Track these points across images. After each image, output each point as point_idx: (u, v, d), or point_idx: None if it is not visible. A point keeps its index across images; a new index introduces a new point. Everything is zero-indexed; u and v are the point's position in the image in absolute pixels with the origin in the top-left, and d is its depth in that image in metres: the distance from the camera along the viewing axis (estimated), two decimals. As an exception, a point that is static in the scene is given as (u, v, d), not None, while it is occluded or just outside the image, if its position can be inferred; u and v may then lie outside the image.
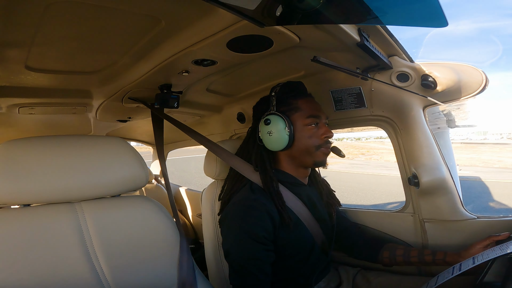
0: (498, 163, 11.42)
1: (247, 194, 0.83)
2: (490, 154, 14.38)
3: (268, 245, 0.78)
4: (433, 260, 0.86)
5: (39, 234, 0.57)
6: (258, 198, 0.80)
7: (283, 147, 0.85)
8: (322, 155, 0.87)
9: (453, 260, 0.81)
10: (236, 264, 0.78)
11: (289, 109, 0.86)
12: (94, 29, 0.65)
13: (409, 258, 0.90)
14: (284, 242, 0.81)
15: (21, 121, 1.38)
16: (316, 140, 0.86)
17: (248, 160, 0.92)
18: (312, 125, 0.86)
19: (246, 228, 0.77)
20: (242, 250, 0.77)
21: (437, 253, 0.87)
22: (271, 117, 0.85)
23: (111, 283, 0.62)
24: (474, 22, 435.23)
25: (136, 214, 0.69)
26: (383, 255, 0.95)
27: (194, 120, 1.72)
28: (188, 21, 0.64)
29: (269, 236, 0.78)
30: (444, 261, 0.84)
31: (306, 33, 0.70)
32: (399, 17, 0.48)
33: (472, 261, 0.65)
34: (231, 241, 0.80)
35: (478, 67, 0.85)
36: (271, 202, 0.81)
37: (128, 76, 0.95)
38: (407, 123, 0.96)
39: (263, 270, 0.77)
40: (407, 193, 1.04)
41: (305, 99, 0.89)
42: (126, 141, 0.75)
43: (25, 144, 0.61)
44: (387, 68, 0.90)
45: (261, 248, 0.77)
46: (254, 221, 0.77)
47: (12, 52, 0.72)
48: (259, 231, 0.76)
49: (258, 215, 0.78)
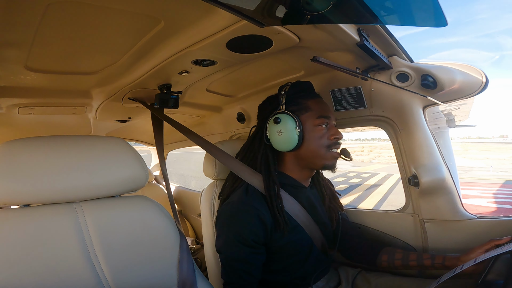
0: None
1: (241, 197, 0.83)
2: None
3: (256, 248, 0.79)
4: (432, 264, 0.85)
5: (39, 234, 0.57)
6: (250, 202, 0.80)
7: (292, 148, 0.83)
8: (332, 158, 0.86)
9: (452, 264, 0.80)
10: (225, 262, 0.82)
11: (299, 108, 0.85)
12: (94, 29, 0.65)
13: (408, 262, 0.89)
14: (280, 244, 0.82)
15: (21, 121, 1.38)
16: (326, 141, 0.84)
17: (252, 160, 0.91)
18: (322, 126, 0.85)
19: (235, 230, 0.79)
20: (230, 250, 0.80)
21: (436, 257, 0.85)
22: (281, 116, 0.83)
23: (111, 283, 0.62)
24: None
25: (136, 214, 0.69)
26: (381, 258, 0.94)
27: (194, 120, 1.72)
28: (188, 21, 0.64)
29: (258, 239, 0.78)
30: (443, 265, 0.82)
31: (306, 33, 0.71)
32: (399, 17, 0.48)
33: (473, 260, 0.65)
34: (221, 240, 0.82)
35: (478, 67, 0.85)
36: (265, 205, 0.81)
37: (128, 76, 0.95)
38: (407, 123, 0.96)
39: (249, 271, 0.79)
40: (407, 193, 1.04)
41: (315, 99, 0.88)
42: (126, 141, 0.75)
43: (25, 144, 0.61)
44: (387, 68, 0.89)
45: (248, 250, 0.78)
46: (243, 225, 0.78)
47: (12, 52, 0.72)
48: (247, 235, 0.77)
49: (248, 219, 0.78)
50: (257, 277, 0.81)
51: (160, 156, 1.11)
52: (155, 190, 2.29)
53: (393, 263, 0.91)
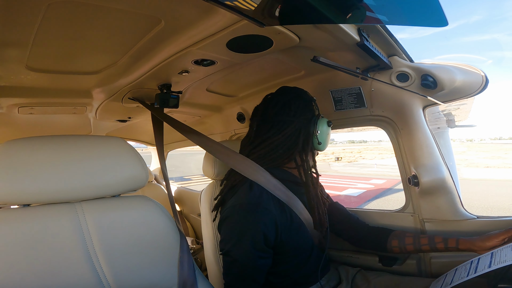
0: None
1: (249, 197, 0.81)
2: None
3: (266, 252, 0.78)
4: (445, 247, 0.84)
5: (39, 234, 0.57)
6: (260, 202, 0.79)
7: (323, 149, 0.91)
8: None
9: (466, 248, 0.80)
10: (231, 265, 0.80)
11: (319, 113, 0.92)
12: (94, 29, 0.65)
13: (420, 246, 0.88)
14: (288, 246, 0.81)
15: (21, 121, 1.38)
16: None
17: (274, 156, 0.87)
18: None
19: (248, 234, 0.77)
20: (240, 254, 0.78)
21: (449, 240, 0.84)
22: (322, 120, 0.90)
23: (111, 283, 0.62)
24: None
25: (136, 214, 0.69)
26: (391, 244, 0.93)
27: (194, 120, 1.72)
28: (188, 21, 0.64)
29: (269, 243, 0.78)
30: (457, 249, 0.82)
31: (306, 33, 0.70)
32: (399, 17, 0.48)
33: (488, 264, 0.63)
34: (231, 243, 0.79)
35: (478, 67, 0.85)
36: (274, 205, 0.80)
37: (128, 76, 0.95)
38: (407, 123, 0.96)
39: (254, 277, 0.79)
40: (407, 193, 1.04)
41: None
42: (126, 141, 0.75)
43: (25, 144, 0.61)
44: (387, 68, 0.89)
45: (258, 255, 0.77)
46: (256, 227, 0.77)
47: (12, 52, 0.72)
48: (260, 238, 0.76)
49: (262, 221, 0.77)
50: (261, 282, 0.81)
51: (160, 156, 1.11)
52: (155, 190, 2.29)
53: (404, 248, 0.91)
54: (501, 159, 17.30)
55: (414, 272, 1.00)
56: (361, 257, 1.10)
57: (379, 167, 15.11)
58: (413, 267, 1.01)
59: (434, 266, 0.97)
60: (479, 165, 15.18)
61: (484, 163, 15.25)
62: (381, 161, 19.69)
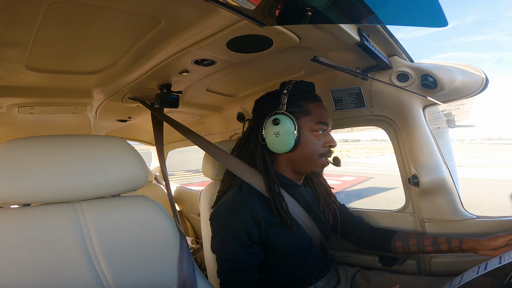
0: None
1: (234, 196, 0.82)
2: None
3: (252, 247, 0.79)
4: (449, 248, 0.84)
5: (39, 234, 0.57)
6: (244, 201, 0.80)
7: (287, 150, 0.81)
8: (321, 166, 0.85)
9: (469, 247, 0.79)
10: (221, 262, 0.82)
11: (299, 111, 0.82)
12: (94, 29, 0.65)
13: (424, 247, 0.89)
14: (278, 243, 0.81)
15: (21, 121, 1.38)
16: (320, 148, 0.83)
17: (249, 158, 0.90)
18: (319, 132, 0.83)
19: (229, 230, 0.78)
20: (225, 251, 0.80)
21: (452, 240, 0.83)
22: (281, 117, 0.80)
23: (111, 282, 0.62)
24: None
25: (136, 214, 0.69)
26: (395, 245, 0.94)
27: (194, 120, 1.72)
28: (188, 21, 0.64)
29: (253, 239, 0.78)
30: (461, 249, 0.82)
31: (306, 33, 0.70)
32: (399, 17, 0.48)
33: (498, 261, 0.62)
34: (217, 241, 0.82)
35: (478, 67, 0.85)
36: (259, 204, 0.80)
37: (128, 75, 0.95)
38: (407, 123, 0.96)
39: (245, 270, 0.79)
40: (407, 193, 1.04)
41: (316, 103, 0.85)
42: (126, 140, 0.75)
43: (25, 144, 0.61)
44: (387, 68, 0.89)
45: (244, 250, 0.78)
46: (237, 224, 0.77)
47: (12, 52, 0.72)
48: (242, 234, 0.77)
49: (242, 218, 0.77)
50: (255, 275, 0.81)
51: (160, 156, 1.11)
52: (155, 190, 2.29)
53: (408, 249, 0.92)
54: (482, 158, 17.29)
55: (414, 271, 1.00)
56: (361, 257, 1.11)
57: (357, 165, 15.49)
58: (412, 266, 1.01)
59: (434, 266, 0.98)
60: (456, 164, 15.08)
61: (459, 163, 15.05)
62: (363, 160, 19.96)
